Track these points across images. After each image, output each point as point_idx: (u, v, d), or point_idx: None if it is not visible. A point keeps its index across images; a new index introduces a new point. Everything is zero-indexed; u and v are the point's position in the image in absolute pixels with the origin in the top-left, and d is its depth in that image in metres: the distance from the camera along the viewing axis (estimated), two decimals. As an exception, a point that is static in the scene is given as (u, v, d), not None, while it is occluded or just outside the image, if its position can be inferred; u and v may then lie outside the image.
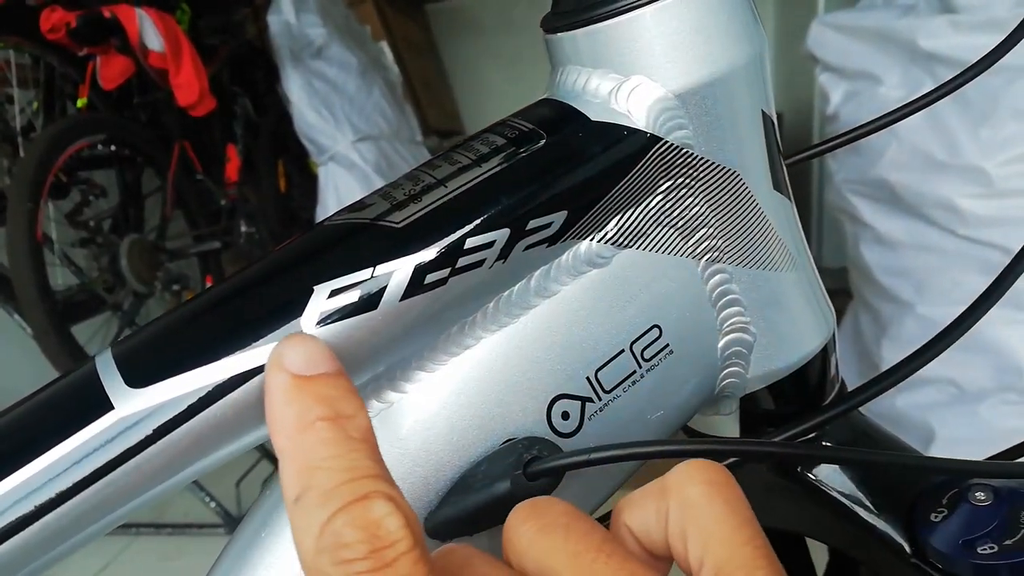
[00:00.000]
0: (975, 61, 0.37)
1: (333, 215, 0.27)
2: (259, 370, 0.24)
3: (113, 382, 0.24)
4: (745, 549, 0.19)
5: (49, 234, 1.74)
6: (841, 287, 1.64)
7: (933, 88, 0.37)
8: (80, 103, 1.82)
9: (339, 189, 2.26)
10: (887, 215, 1.40)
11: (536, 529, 0.20)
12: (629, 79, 0.28)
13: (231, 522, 1.93)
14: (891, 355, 1.41)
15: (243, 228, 2.24)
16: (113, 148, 1.88)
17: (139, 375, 0.24)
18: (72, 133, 1.70)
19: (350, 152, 2.26)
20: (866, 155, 1.37)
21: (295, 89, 2.22)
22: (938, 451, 1.30)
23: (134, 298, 1.88)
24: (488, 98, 3.24)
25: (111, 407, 0.23)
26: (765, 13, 2.67)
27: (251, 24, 2.38)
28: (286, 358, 0.21)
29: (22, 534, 0.23)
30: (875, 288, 1.46)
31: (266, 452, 1.86)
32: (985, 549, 0.28)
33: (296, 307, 0.24)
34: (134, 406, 0.23)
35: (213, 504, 1.91)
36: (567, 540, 0.20)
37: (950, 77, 0.36)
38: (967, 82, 0.37)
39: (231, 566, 0.27)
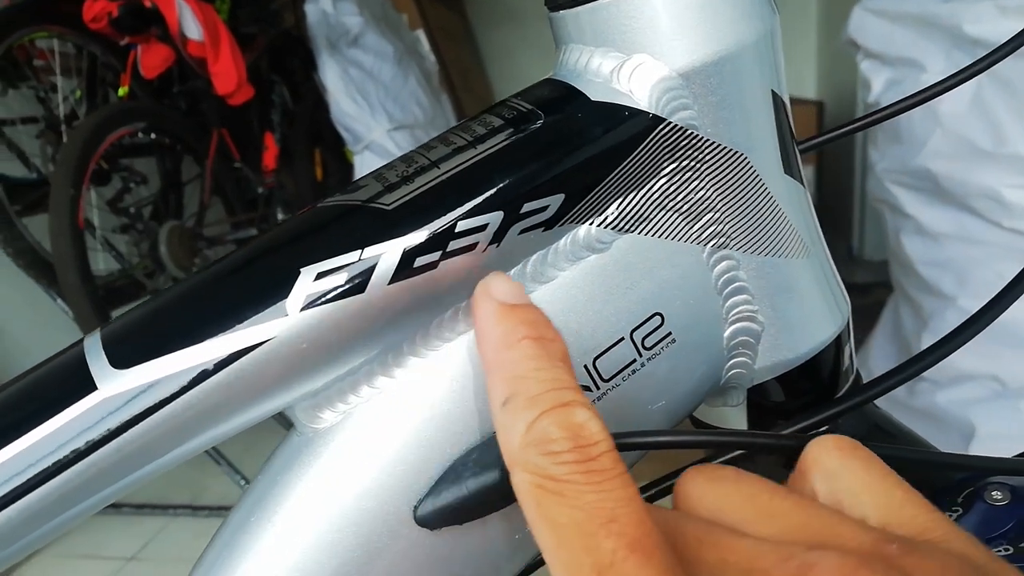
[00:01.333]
0: (1013, 35, 0.35)
1: (327, 198, 0.27)
2: (243, 352, 0.23)
3: (98, 363, 0.23)
4: (897, 492, 0.21)
5: (91, 220, 1.78)
6: (882, 280, 1.61)
7: (968, 64, 0.35)
8: (121, 92, 1.85)
9: (374, 177, 2.27)
10: (929, 206, 1.36)
11: (707, 479, 0.22)
12: (632, 58, 0.27)
13: (265, 505, 1.95)
14: (931, 349, 1.38)
15: (280, 216, 2.27)
16: (153, 136, 1.92)
17: (123, 356, 0.23)
18: (114, 121, 1.73)
19: (386, 141, 2.27)
20: (908, 144, 1.33)
21: (331, 77, 2.23)
22: (979, 447, 1.27)
23: (172, 284, 1.92)
24: (524, 87, 3.22)
25: (95, 387, 0.23)
26: (808, 0, 2.61)
27: (289, 13, 2.40)
28: (493, 288, 0.24)
29: (5, 511, 0.23)
30: (916, 281, 1.42)
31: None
32: (1000, 551, 0.27)
33: (282, 289, 0.24)
34: (117, 387, 0.23)
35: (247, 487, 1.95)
36: (739, 485, 0.21)
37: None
38: (1006, 56, 0.35)
39: (220, 550, 0.27)
